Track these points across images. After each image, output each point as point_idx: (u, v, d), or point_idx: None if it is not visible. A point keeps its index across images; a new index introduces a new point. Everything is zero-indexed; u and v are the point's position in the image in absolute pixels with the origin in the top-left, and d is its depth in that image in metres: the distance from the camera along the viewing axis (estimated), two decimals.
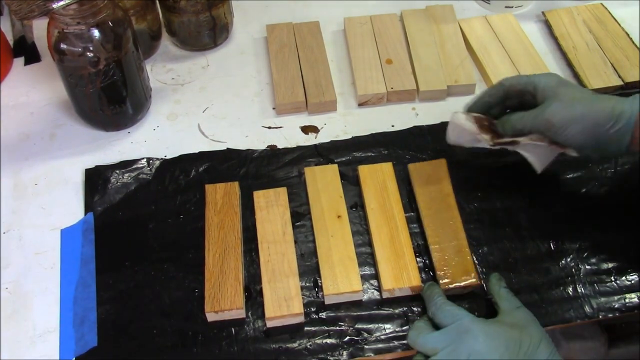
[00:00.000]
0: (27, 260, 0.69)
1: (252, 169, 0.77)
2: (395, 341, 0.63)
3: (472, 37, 0.90)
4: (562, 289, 0.66)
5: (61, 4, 0.68)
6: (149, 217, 0.72)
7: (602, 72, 0.85)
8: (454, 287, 0.65)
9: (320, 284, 0.66)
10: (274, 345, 0.63)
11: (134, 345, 0.63)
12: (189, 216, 0.72)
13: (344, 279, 0.65)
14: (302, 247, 0.69)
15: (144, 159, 0.77)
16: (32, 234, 0.71)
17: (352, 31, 0.91)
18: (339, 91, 0.85)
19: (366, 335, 0.63)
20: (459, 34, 0.91)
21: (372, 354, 0.62)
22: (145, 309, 0.65)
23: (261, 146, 0.79)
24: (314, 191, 0.72)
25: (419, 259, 0.68)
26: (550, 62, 0.89)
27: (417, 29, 0.91)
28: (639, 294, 0.66)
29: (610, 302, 0.65)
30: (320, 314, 0.65)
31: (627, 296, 0.66)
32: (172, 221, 0.72)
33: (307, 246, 0.69)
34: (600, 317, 0.65)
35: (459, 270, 0.65)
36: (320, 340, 0.63)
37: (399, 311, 0.65)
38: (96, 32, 0.71)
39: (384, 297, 0.66)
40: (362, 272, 0.67)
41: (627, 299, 0.66)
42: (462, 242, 0.68)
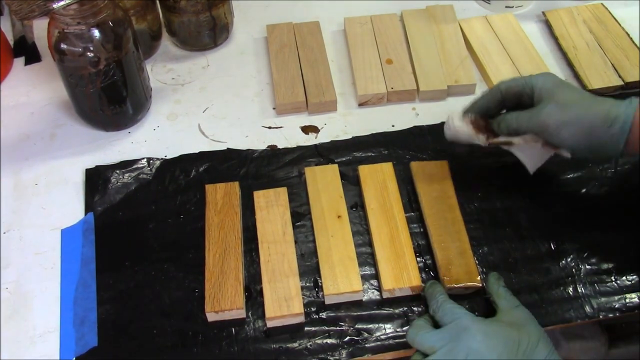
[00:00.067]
0: (27, 260, 0.69)
1: (252, 169, 0.77)
2: (395, 341, 0.63)
3: (472, 37, 0.90)
4: (562, 289, 0.66)
5: (61, 4, 0.68)
6: (149, 217, 0.72)
7: (602, 72, 0.85)
8: (457, 287, 0.65)
9: (320, 284, 0.66)
10: (274, 345, 0.63)
11: (134, 345, 0.63)
12: (189, 216, 0.72)
13: (344, 279, 0.65)
14: (302, 247, 0.69)
15: (144, 159, 0.77)
16: (32, 234, 0.71)
17: (352, 31, 0.91)
18: (339, 91, 0.85)
19: (366, 335, 0.63)
20: (459, 34, 0.91)
21: (372, 354, 0.62)
22: (145, 309, 0.65)
23: (261, 146, 0.79)
24: (314, 191, 0.72)
25: (419, 259, 0.68)
26: (550, 62, 0.89)
27: (417, 29, 0.91)
28: (639, 294, 0.66)
29: (610, 302, 0.65)
30: (320, 314, 0.65)
31: (627, 296, 0.66)
32: (172, 221, 0.72)
33: (307, 246, 0.69)
34: (600, 317, 0.65)
35: (461, 270, 0.65)
36: (320, 340, 0.63)
37: (399, 311, 0.65)
38: (96, 32, 0.71)
39: (384, 297, 0.66)
40: (362, 272, 0.67)
41: (627, 299, 0.66)
42: (465, 244, 0.68)
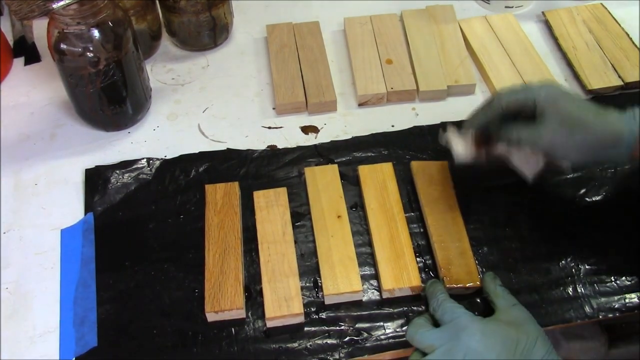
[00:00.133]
0: (27, 260, 0.69)
1: (252, 169, 0.77)
2: (395, 341, 0.63)
3: (472, 37, 0.90)
4: (562, 289, 0.66)
5: (61, 4, 0.68)
6: (149, 217, 0.72)
7: (602, 72, 0.85)
8: (457, 287, 0.65)
9: (320, 284, 0.66)
10: (274, 345, 0.63)
11: (134, 345, 0.63)
12: (189, 216, 0.72)
13: (344, 279, 0.65)
14: (302, 247, 0.69)
15: (144, 159, 0.77)
16: (32, 234, 0.71)
17: (352, 31, 0.91)
18: (339, 91, 0.85)
19: (366, 335, 0.63)
20: (459, 34, 0.91)
21: (372, 354, 0.62)
22: (145, 309, 0.65)
23: (261, 146, 0.79)
24: (314, 191, 0.72)
25: (419, 259, 0.68)
26: (550, 62, 0.89)
27: (417, 29, 0.91)
28: (639, 294, 0.66)
29: (610, 302, 0.65)
30: (320, 314, 0.65)
31: (627, 296, 0.66)
32: (172, 221, 0.72)
33: (307, 246, 0.69)
34: (600, 317, 0.65)
35: (461, 271, 0.65)
36: (320, 340, 0.63)
37: (399, 311, 0.65)
38: (96, 32, 0.71)
39: (384, 297, 0.66)
40: (362, 272, 0.67)
41: (627, 299, 0.66)
42: (465, 244, 0.68)
